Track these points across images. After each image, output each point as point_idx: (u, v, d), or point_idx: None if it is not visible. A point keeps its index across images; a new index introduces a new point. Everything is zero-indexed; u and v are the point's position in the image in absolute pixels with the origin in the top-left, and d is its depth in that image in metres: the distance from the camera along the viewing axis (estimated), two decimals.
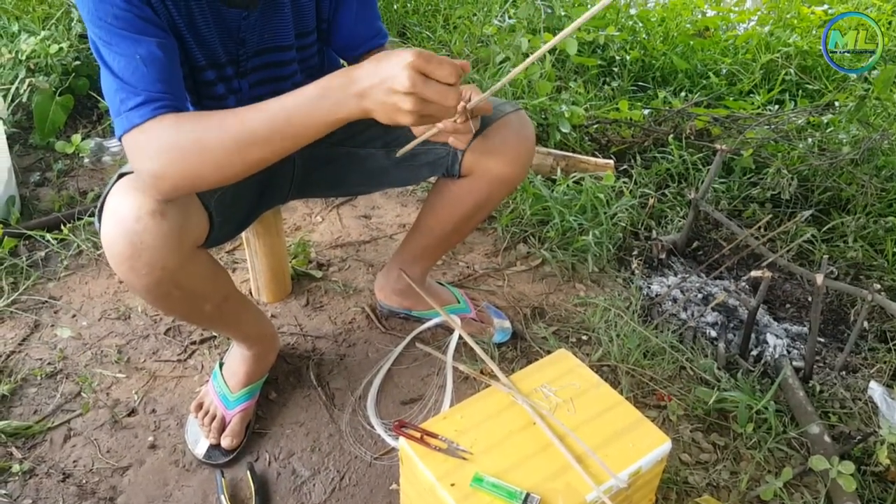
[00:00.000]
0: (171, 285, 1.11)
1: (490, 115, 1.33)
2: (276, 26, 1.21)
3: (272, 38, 1.22)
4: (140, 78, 0.97)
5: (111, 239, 1.04)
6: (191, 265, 1.12)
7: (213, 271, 1.23)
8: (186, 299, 1.18)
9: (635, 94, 3.04)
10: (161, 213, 1.02)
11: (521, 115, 1.38)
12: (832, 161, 2.33)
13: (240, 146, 0.95)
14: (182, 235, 1.07)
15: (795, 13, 3.59)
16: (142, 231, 1.02)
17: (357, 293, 1.86)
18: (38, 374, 1.56)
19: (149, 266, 1.05)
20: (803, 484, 1.42)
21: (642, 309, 1.87)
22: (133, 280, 1.08)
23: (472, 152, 1.37)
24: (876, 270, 2.08)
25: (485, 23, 3.11)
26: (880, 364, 1.74)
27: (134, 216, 1.02)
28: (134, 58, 0.97)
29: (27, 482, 1.33)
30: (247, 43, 1.20)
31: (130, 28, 0.98)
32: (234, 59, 1.21)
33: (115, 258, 1.05)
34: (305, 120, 0.94)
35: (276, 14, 1.20)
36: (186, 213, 1.09)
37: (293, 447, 1.43)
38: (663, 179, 2.46)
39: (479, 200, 1.45)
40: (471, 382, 1.58)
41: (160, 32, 1.01)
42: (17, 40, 2.47)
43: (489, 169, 1.39)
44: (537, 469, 1.05)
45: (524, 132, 1.37)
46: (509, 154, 1.37)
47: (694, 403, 1.56)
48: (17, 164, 2.26)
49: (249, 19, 1.17)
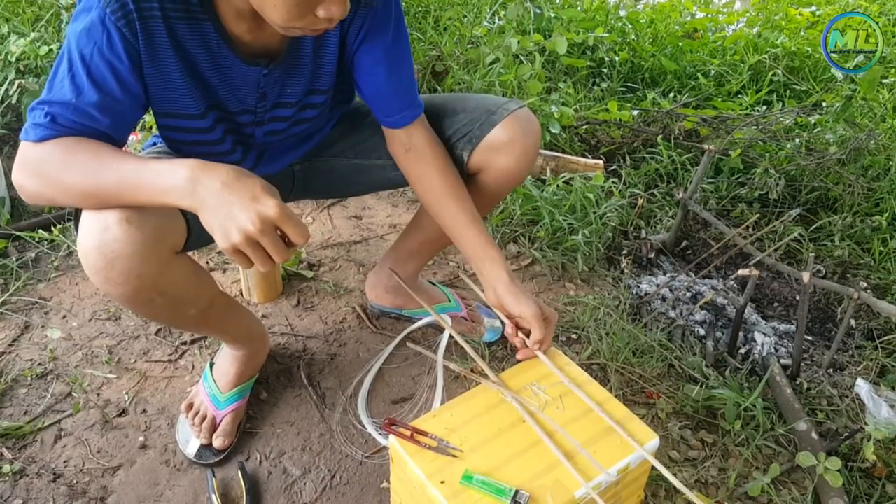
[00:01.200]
0: (152, 292, 1.09)
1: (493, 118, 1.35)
2: (294, 82, 1.22)
3: (287, 94, 1.23)
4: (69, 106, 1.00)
5: (84, 252, 1.03)
6: (170, 271, 1.10)
7: (195, 276, 1.20)
8: (169, 305, 1.16)
9: (624, 95, 3.06)
10: (129, 220, 1.00)
11: (527, 111, 1.39)
12: (819, 161, 2.35)
13: (89, 196, 1.00)
14: (155, 242, 1.05)
15: (783, 15, 3.62)
16: (111, 241, 1.00)
17: (348, 293, 1.86)
18: (28, 374, 1.56)
19: (123, 275, 1.03)
20: (791, 480, 1.43)
21: (631, 308, 1.88)
22: (111, 290, 1.06)
23: (480, 152, 1.37)
24: (862, 269, 2.10)
25: (474, 24, 3.12)
26: (867, 362, 1.76)
27: (101, 226, 1.00)
28: (78, 92, 1.00)
29: (17, 482, 1.33)
30: (268, 97, 1.21)
31: (96, 74, 1.00)
32: (251, 110, 1.22)
33: (91, 270, 1.04)
34: (146, 196, 0.97)
35: (297, 70, 1.20)
36: (159, 220, 1.06)
37: (284, 446, 1.43)
38: (652, 179, 2.47)
39: (482, 196, 1.45)
40: (461, 381, 1.59)
41: (118, 92, 1.02)
42: (7, 42, 2.46)
43: (497, 164, 1.38)
44: (526, 466, 1.06)
45: (531, 127, 1.38)
46: (517, 149, 1.36)
47: (682, 401, 1.57)
48: (7, 166, 2.25)
49: (271, 76, 1.17)
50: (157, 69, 1.06)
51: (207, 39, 1.08)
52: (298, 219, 0.93)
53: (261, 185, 0.93)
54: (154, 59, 1.05)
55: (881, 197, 2.30)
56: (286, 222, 0.92)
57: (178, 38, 1.05)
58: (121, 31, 0.99)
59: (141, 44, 1.02)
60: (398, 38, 1.25)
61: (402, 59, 1.28)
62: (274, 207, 0.91)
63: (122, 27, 0.98)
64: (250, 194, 0.91)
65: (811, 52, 3.22)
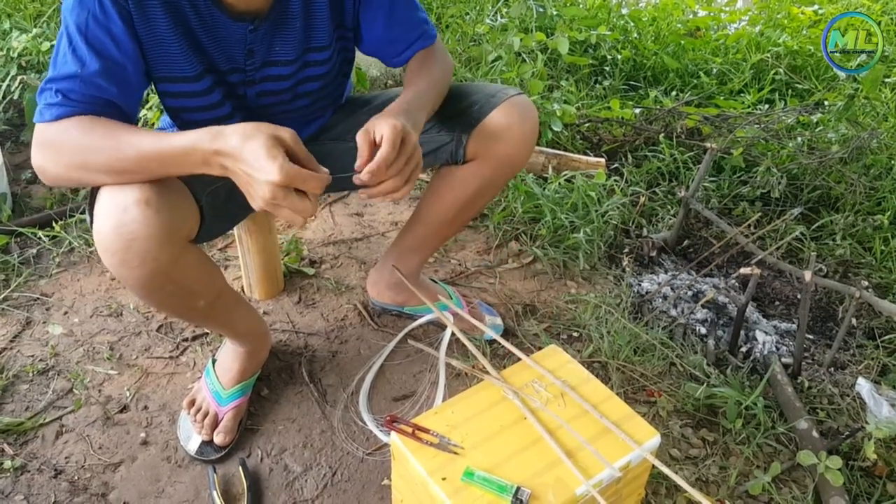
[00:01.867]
0: (164, 279, 1.10)
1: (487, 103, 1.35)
2: (283, 39, 1.22)
3: (277, 52, 1.23)
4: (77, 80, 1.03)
5: (102, 233, 1.04)
6: (183, 259, 1.12)
7: (206, 267, 1.23)
8: (180, 295, 1.18)
9: (626, 93, 3.05)
10: (147, 202, 1.02)
11: (525, 97, 1.39)
12: (821, 160, 2.35)
13: (112, 172, 1.02)
14: (172, 227, 1.06)
15: (786, 13, 3.62)
16: (130, 222, 1.02)
17: (349, 290, 1.86)
18: (29, 370, 1.56)
19: (140, 258, 1.04)
20: (791, 479, 1.43)
21: (633, 306, 1.88)
22: (126, 273, 1.07)
23: (478, 136, 1.37)
24: (864, 268, 2.10)
25: (477, 22, 3.12)
26: (868, 360, 1.76)
27: (122, 208, 1.02)
28: (81, 63, 1.03)
29: (19, 478, 1.33)
30: (256, 54, 1.21)
31: (94, 42, 1.04)
32: (241, 68, 1.21)
33: (107, 252, 1.05)
34: (174, 168, 1.01)
35: (285, 27, 1.20)
36: (176, 206, 1.08)
37: (285, 443, 1.44)
38: (654, 178, 2.47)
39: (482, 184, 1.45)
40: (462, 379, 1.59)
41: (118, 55, 1.06)
42: (9, 38, 2.47)
43: (495, 151, 1.38)
44: (528, 463, 1.06)
45: (528, 113, 1.37)
46: (515, 136, 1.36)
47: (683, 399, 1.57)
48: (9, 162, 2.26)
49: (258, 32, 1.17)
50: (150, 29, 1.08)
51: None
52: (306, 173, 0.94)
53: (265, 148, 0.93)
54: (145, 19, 1.07)
55: (883, 196, 2.30)
56: (295, 182, 0.93)
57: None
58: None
59: (131, 4, 1.05)
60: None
61: (401, 5, 1.31)
62: (277, 174, 0.92)
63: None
64: (256, 164, 0.93)
65: (813, 51, 3.21)
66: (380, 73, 2.83)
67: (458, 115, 1.38)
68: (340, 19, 1.29)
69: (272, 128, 0.95)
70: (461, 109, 1.38)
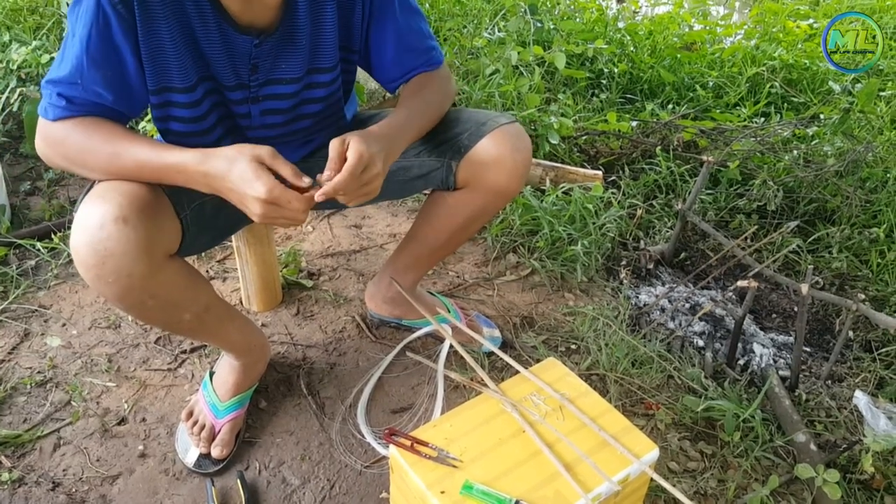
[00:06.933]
0: (143, 294, 1.10)
1: (476, 130, 1.34)
2: (288, 57, 1.22)
3: (282, 69, 1.23)
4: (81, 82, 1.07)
5: (76, 248, 1.05)
6: (162, 274, 1.12)
7: (189, 280, 1.21)
8: (163, 308, 1.18)
9: (623, 106, 3.07)
10: (125, 220, 1.03)
11: (517, 126, 1.37)
12: (817, 173, 2.36)
13: (109, 173, 1.10)
14: (149, 243, 1.06)
15: (781, 27, 3.64)
16: (105, 238, 1.02)
17: (347, 302, 1.87)
18: (27, 382, 1.56)
19: (114, 274, 1.05)
20: (790, 492, 1.43)
21: (630, 318, 1.88)
22: (103, 288, 1.08)
23: (467, 165, 1.35)
24: (860, 281, 2.11)
25: (475, 35, 3.14)
26: (865, 373, 1.76)
27: (97, 224, 1.03)
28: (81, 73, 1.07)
29: (16, 491, 1.33)
30: (260, 70, 1.21)
31: (94, 53, 1.07)
32: (245, 84, 1.22)
33: (82, 266, 1.06)
34: (167, 180, 1.09)
35: (291, 45, 1.21)
36: (155, 221, 1.09)
37: (283, 456, 1.43)
38: (651, 190, 2.48)
39: (474, 212, 1.44)
40: (461, 391, 1.59)
41: (118, 67, 1.09)
42: (8, 50, 2.47)
43: (485, 181, 1.36)
44: (526, 477, 1.06)
45: (520, 144, 1.35)
46: (506, 166, 1.34)
47: (681, 412, 1.57)
48: (8, 174, 2.26)
49: (263, 47, 1.18)
50: (153, 41, 1.10)
51: (202, 8, 1.11)
52: (291, 194, 1.03)
53: (250, 170, 1.02)
54: (150, 31, 1.08)
55: (879, 209, 2.31)
56: (280, 202, 1.03)
57: (174, 5, 1.08)
58: (115, 9, 1.04)
59: (137, 17, 1.06)
60: (405, 7, 1.30)
61: (409, 29, 1.32)
62: (264, 192, 1.01)
63: (117, 4, 1.03)
64: (244, 186, 1.02)
65: (809, 65, 3.24)
66: (378, 87, 2.85)
67: (447, 142, 1.36)
68: (347, 41, 1.29)
69: (252, 148, 1.04)
70: (451, 136, 1.36)
